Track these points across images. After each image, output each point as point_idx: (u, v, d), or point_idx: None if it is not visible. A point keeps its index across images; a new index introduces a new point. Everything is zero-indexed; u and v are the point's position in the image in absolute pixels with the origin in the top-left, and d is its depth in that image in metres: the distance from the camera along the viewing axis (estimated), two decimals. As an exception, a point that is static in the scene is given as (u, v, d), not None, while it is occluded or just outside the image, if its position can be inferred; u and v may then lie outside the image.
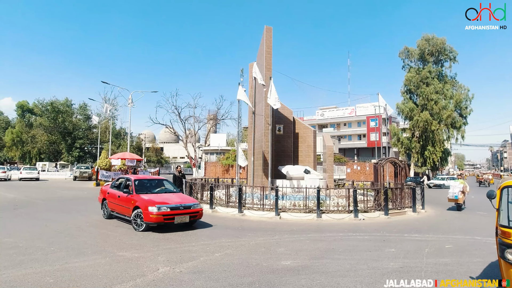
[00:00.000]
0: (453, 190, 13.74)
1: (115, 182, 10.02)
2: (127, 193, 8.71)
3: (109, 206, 9.52)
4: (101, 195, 10.18)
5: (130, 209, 8.39)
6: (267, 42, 14.76)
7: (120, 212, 9.02)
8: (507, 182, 3.98)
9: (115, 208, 9.26)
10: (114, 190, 9.57)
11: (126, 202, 8.63)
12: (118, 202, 9.06)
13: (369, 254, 6.37)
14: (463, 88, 38.84)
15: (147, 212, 7.84)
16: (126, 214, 8.66)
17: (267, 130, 14.49)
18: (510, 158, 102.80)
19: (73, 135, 47.60)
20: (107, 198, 9.64)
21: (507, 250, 3.68)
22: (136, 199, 8.35)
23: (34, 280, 4.44)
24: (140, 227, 7.96)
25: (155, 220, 7.78)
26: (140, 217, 7.99)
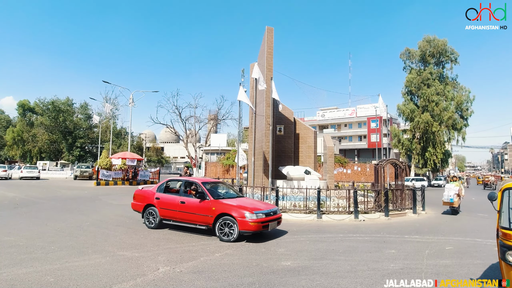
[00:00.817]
0: (448, 193, 12.97)
1: (163, 186, 8.75)
2: (200, 199, 7.73)
3: (162, 214, 8.23)
4: (142, 200, 8.76)
5: (210, 216, 7.44)
6: (268, 43, 14.77)
7: (185, 220, 7.90)
8: (509, 184, 3.97)
9: (174, 216, 8.06)
10: (169, 195, 8.40)
11: (200, 209, 7.62)
12: (182, 209, 7.90)
13: (369, 255, 6.37)
14: (464, 90, 38.80)
15: (243, 220, 7.05)
16: (198, 222, 7.67)
17: (267, 131, 14.49)
18: (511, 160, 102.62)
19: (74, 134, 47.68)
20: (158, 205, 8.32)
21: (508, 252, 3.68)
22: (218, 205, 7.47)
23: (35, 279, 4.45)
24: (229, 236, 7.13)
25: (254, 228, 7.06)
26: (229, 226, 7.16)
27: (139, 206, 8.86)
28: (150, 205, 8.54)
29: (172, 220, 8.16)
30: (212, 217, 7.42)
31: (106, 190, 19.95)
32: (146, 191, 8.90)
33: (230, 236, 7.12)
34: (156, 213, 8.33)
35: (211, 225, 7.45)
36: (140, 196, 8.93)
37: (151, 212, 8.47)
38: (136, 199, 9.03)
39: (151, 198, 8.56)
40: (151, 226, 8.38)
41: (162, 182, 8.89)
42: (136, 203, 9.00)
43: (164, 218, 8.27)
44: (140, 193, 9.02)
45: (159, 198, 8.42)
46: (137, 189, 9.28)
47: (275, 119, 16.01)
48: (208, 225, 7.52)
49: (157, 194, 8.52)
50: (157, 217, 8.31)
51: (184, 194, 8.22)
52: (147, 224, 8.49)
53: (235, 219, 7.13)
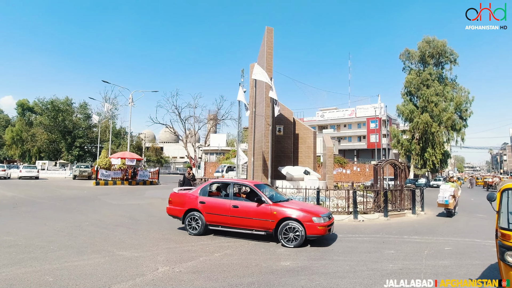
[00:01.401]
0: (443, 194, 12.31)
1: (207, 189, 8.14)
2: (258, 203, 7.31)
3: (209, 219, 7.67)
4: (182, 205, 8.04)
5: (270, 221, 7.10)
6: (268, 43, 14.77)
7: (239, 225, 7.44)
8: (508, 185, 3.98)
9: (224, 221, 7.56)
10: (217, 199, 7.84)
11: (259, 214, 7.23)
12: (235, 213, 7.42)
13: (368, 255, 6.37)
14: (463, 91, 38.90)
15: (311, 224, 6.84)
16: (255, 227, 7.29)
17: (267, 131, 14.50)
18: (510, 161, 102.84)
19: (73, 134, 47.65)
20: (204, 209, 7.72)
21: (507, 252, 3.69)
22: (279, 210, 7.14)
23: (34, 279, 4.44)
24: (294, 241, 6.84)
25: (322, 232, 6.89)
26: (293, 230, 6.88)
27: (178, 211, 8.07)
28: (193, 209, 7.86)
29: (221, 226, 7.62)
30: (274, 222, 7.08)
31: (105, 190, 19.92)
32: (186, 195, 8.16)
33: (295, 242, 6.82)
34: (201, 218, 7.70)
35: (271, 230, 7.11)
36: (179, 200, 8.15)
37: (194, 217, 7.78)
38: (173, 204, 8.21)
39: (194, 202, 7.89)
40: (194, 233, 7.70)
41: (204, 185, 8.24)
42: (174, 207, 8.16)
43: (211, 223, 7.69)
44: (178, 197, 8.25)
45: (205, 202, 7.79)
46: (172, 192, 8.49)
47: (275, 119, 16.01)
48: (268, 230, 7.16)
49: (201, 198, 7.88)
50: (202, 222, 7.68)
51: (235, 198, 7.77)
52: (190, 230, 7.78)
53: (302, 224, 6.86)
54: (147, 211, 11.85)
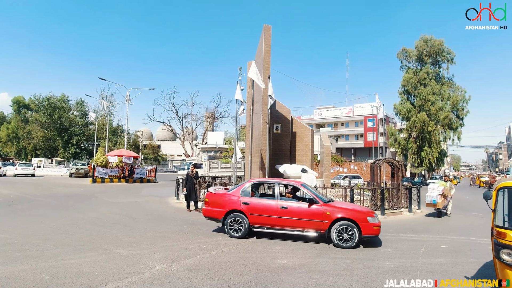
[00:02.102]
0: (431, 194, 11.81)
1: (249, 189, 7.78)
2: (310, 203, 7.17)
3: (254, 220, 7.36)
4: (222, 206, 7.62)
5: (324, 222, 6.97)
6: (266, 41, 14.73)
7: (288, 226, 7.22)
8: (503, 183, 4.01)
9: (271, 223, 7.29)
10: (262, 200, 7.59)
11: (311, 215, 7.07)
12: (284, 214, 7.20)
13: (365, 253, 6.41)
14: (460, 90, 39.11)
15: (366, 224, 6.77)
16: (307, 228, 7.12)
17: (264, 129, 14.49)
18: (506, 160, 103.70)
19: (70, 131, 47.37)
20: (248, 210, 7.38)
21: (502, 250, 3.72)
22: (332, 210, 7.03)
23: (30, 277, 4.42)
24: (348, 242, 6.74)
25: (377, 232, 6.88)
26: (347, 231, 6.77)
27: (217, 213, 7.62)
28: (235, 211, 7.48)
29: (266, 227, 7.35)
30: (327, 223, 6.94)
31: (102, 188, 19.85)
32: (226, 195, 7.77)
33: (350, 242, 6.72)
34: (244, 220, 7.37)
35: (324, 231, 7.00)
36: (218, 201, 7.72)
37: (236, 219, 7.43)
38: (211, 205, 7.75)
39: (236, 203, 7.52)
40: (237, 235, 7.33)
41: (245, 184, 7.88)
42: (212, 209, 7.71)
43: (255, 225, 7.40)
44: (217, 198, 7.81)
45: (249, 203, 7.46)
46: (208, 193, 8.09)
47: (272, 118, 16.00)
48: (320, 231, 7.04)
49: (244, 199, 7.54)
50: (245, 224, 7.36)
51: (282, 198, 7.59)
52: (231, 232, 7.40)
53: (357, 224, 6.76)
54: (144, 209, 11.83)
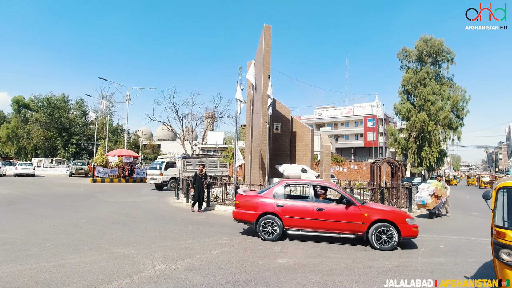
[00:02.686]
0: (420, 194, 11.47)
1: (282, 191, 7.63)
2: (347, 205, 7.06)
3: (288, 223, 7.23)
4: (254, 208, 7.41)
5: (362, 224, 6.90)
6: (266, 41, 14.74)
7: (324, 228, 7.13)
8: (503, 183, 4.02)
9: (307, 225, 7.19)
10: (298, 202, 7.46)
11: (348, 217, 6.98)
12: (320, 217, 7.09)
13: (365, 253, 6.42)
14: (460, 90, 39.09)
15: (405, 225, 6.73)
16: (344, 230, 7.05)
17: (264, 129, 14.49)
18: (505, 160, 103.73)
19: (70, 131, 47.33)
20: (282, 213, 7.24)
21: (501, 250, 3.73)
22: (370, 211, 6.98)
23: (30, 276, 4.42)
24: (387, 243, 6.69)
25: (415, 233, 6.84)
26: (386, 232, 6.72)
27: (249, 215, 7.42)
28: (268, 213, 7.32)
29: (301, 230, 7.22)
30: (366, 224, 6.88)
31: (102, 187, 19.85)
32: (257, 197, 7.60)
33: (388, 244, 6.67)
34: (278, 222, 7.21)
35: (362, 233, 6.94)
36: (250, 204, 7.52)
37: (270, 221, 7.25)
38: (243, 207, 7.53)
39: (270, 205, 7.35)
40: (270, 238, 7.16)
41: (278, 186, 7.70)
42: (244, 211, 7.50)
43: (290, 227, 7.27)
44: (248, 200, 7.60)
45: (283, 205, 7.30)
46: (238, 195, 7.89)
47: (272, 117, 16.01)
48: (358, 233, 6.97)
49: (278, 201, 7.39)
50: (279, 227, 7.20)
51: (317, 200, 7.46)
52: (264, 235, 7.21)
53: (396, 225, 6.72)
54: (144, 208, 11.83)
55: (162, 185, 19.83)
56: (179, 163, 19.98)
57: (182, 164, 19.58)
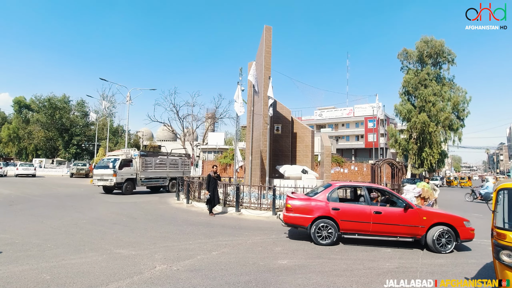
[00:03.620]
0: (404, 195, 11.11)
1: (335, 194, 7.57)
2: (405, 208, 6.97)
3: (344, 227, 7.07)
4: (308, 212, 7.20)
5: (420, 227, 6.86)
6: (266, 42, 14.76)
7: (381, 232, 7.01)
8: (503, 185, 4.02)
9: (363, 229, 7.04)
10: (354, 205, 7.30)
11: (407, 220, 6.91)
12: (378, 220, 6.97)
13: (365, 254, 6.41)
14: (461, 91, 39.09)
15: (463, 228, 6.73)
16: (401, 234, 6.97)
17: (265, 130, 14.50)
18: (506, 161, 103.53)
19: (70, 131, 47.42)
20: (338, 216, 7.07)
21: (502, 251, 3.73)
22: (429, 215, 6.94)
23: (31, 277, 4.43)
24: (446, 247, 6.69)
25: (473, 236, 6.82)
26: (446, 236, 6.69)
27: (303, 220, 7.19)
28: (323, 217, 7.13)
29: (357, 234, 7.07)
30: (424, 228, 6.83)
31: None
32: (311, 200, 7.37)
33: (448, 247, 6.68)
34: (334, 226, 7.05)
35: (420, 236, 6.89)
36: (304, 207, 7.28)
37: (325, 225, 7.06)
38: (295, 211, 7.28)
39: (325, 209, 7.16)
40: (325, 243, 6.97)
41: (332, 189, 7.51)
42: (297, 215, 7.25)
43: (346, 231, 7.10)
44: (302, 203, 7.35)
45: (339, 208, 7.13)
46: (290, 198, 7.56)
47: (273, 118, 16.02)
48: (416, 236, 6.91)
49: (333, 204, 7.22)
50: (335, 231, 7.04)
51: (372, 203, 7.33)
52: (319, 240, 7.02)
53: (455, 228, 6.73)
54: (145, 209, 11.84)
55: (113, 188, 17.03)
56: (136, 162, 17.52)
57: (140, 163, 17.46)
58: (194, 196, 13.62)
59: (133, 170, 17.33)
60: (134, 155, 17.93)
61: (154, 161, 18.52)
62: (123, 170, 16.84)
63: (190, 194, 13.60)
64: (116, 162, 16.85)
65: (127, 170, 17.07)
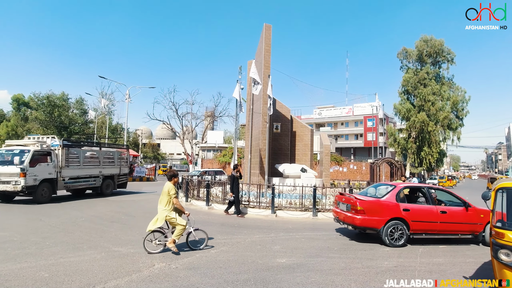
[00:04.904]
0: None
1: (402, 194, 7.54)
2: (466, 207, 7.35)
3: (414, 227, 7.10)
4: (381, 214, 7.07)
5: (479, 224, 7.24)
6: (266, 40, 14.72)
7: (446, 231, 7.24)
8: (502, 184, 4.02)
9: (431, 228, 7.17)
10: (422, 206, 7.35)
11: (468, 218, 7.28)
12: (443, 219, 7.14)
13: (364, 253, 6.42)
14: (460, 90, 39.08)
15: None
16: (463, 231, 7.30)
17: (264, 128, 14.49)
18: (505, 160, 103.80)
19: (69, 129, 47.29)
20: (409, 217, 7.07)
21: (500, 250, 3.73)
22: (484, 212, 7.29)
23: (29, 274, 4.43)
24: None
25: None
26: None
27: (376, 222, 7.04)
28: (394, 218, 7.09)
29: (425, 234, 7.19)
30: (482, 225, 7.28)
31: (101, 186, 19.81)
32: (381, 202, 7.28)
33: None
34: (405, 227, 7.04)
35: (477, 233, 7.35)
36: (376, 209, 7.17)
37: (397, 227, 7.02)
38: (369, 213, 7.09)
39: (396, 210, 7.11)
40: (398, 244, 6.95)
41: (398, 189, 7.47)
42: (370, 218, 7.06)
43: (415, 232, 7.15)
44: (373, 205, 7.23)
45: (409, 209, 7.15)
46: (361, 200, 7.32)
47: (272, 117, 16.00)
48: (474, 233, 7.36)
49: (403, 205, 7.22)
50: (405, 232, 7.03)
51: (434, 203, 7.43)
52: (392, 242, 6.96)
53: None
54: (143, 207, 11.83)
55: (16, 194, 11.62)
56: (58, 155, 12.62)
57: (62, 156, 12.71)
58: (193, 194, 13.61)
59: (51, 167, 12.31)
60: (53, 145, 13.17)
61: (83, 154, 13.83)
62: (36, 168, 11.71)
63: (189, 192, 13.59)
64: (25, 156, 11.59)
65: (42, 168, 11.97)
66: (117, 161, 16.16)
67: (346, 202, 7.67)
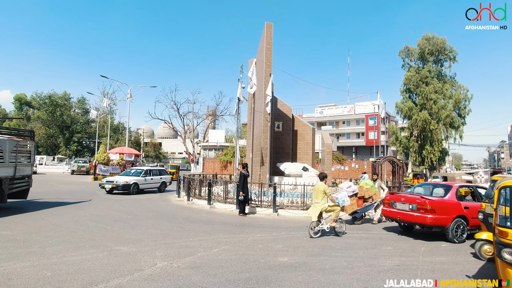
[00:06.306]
0: (336, 195, 9.55)
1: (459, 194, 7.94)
2: None
3: (472, 223, 7.54)
4: (449, 212, 7.40)
5: None
6: (267, 39, 14.70)
7: None
8: (505, 183, 4.00)
9: None
10: (476, 203, 7.73)
11: None
12: None
13: (366, 251, 6.41)
14: (462, 88, 38.87)
15: None
16: None
17: (266, 127, 14.48)
18: (507, 159, 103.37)
19: (71, 129, 47.51)
20: (469, 215, 7.52)
21: (504, 249, 3.72)
22: None
23: (32, 273, 4.44)
24: None
25: None
26: None
27: (444, 220, 7.34)
28: (458, 216, 7.50)
29: (478, 229, 7.47)
30: None
31: (103, 185, 19.87)
32: (446, 201, 7.60)
33: None
34: (465, 224, 7.50)
35: None
36: (444, 208, 7.45)
37: (460, 224, 7.47)
38: (438, 212, 7.35)
39: (459, 208, 7.55)
40: (460, 240, 7.39)
41: (456, 188, 7.97)
42: (440, 216, 7.33)
43: (473, 228, 7.59)
44: (442, 204, 7.49)
45: (469, 207, 7.63)
46: (431, 200, 7.51)
47: (274, 116, 15.99)
48: None
49: (463, 203, 7.69)
50: (465, 228, 7.48)
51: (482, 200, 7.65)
52: (457, 239, 7.39)
53: None
54: (145, 206, 11.86)
55: None
56: None
57: None
58: (195, 193, 13.63)
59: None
60: None
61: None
62: None
63: (191, 191, 13.61)
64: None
65: None
66: (9, 157, 9.72)
67: (409, 202, 7.90)
